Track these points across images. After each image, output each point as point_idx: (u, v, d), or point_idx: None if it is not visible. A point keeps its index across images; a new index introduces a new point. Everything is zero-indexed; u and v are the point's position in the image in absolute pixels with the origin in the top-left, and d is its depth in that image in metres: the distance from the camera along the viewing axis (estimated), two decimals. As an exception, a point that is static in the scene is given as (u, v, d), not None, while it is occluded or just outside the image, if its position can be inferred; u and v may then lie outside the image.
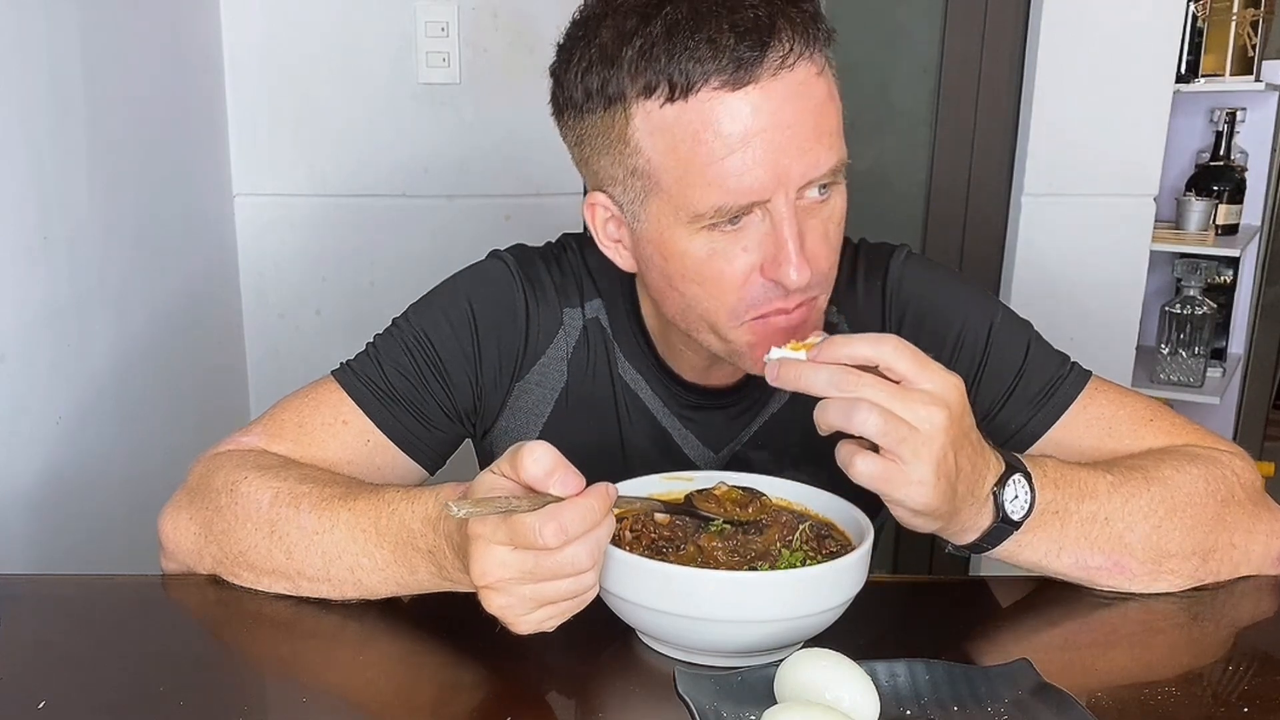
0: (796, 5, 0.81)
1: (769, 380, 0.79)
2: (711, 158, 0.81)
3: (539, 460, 0.68)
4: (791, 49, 0.80)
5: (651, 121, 0.82)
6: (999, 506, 0.79)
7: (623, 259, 0.93)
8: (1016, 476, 0.80)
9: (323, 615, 0.83)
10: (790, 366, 0.77)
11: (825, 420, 0.75)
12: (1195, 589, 0.86)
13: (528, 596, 0.69)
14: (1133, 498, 0.84)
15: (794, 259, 0.82)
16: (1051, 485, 0.82)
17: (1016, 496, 0.80)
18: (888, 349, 0.74)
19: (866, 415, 0.72)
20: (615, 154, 0.85)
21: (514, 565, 0.68)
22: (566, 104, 0.88)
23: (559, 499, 0.68)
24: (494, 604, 0.70)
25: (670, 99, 0.80)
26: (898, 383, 0.74)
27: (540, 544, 0.67)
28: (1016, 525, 0.80)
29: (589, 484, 0.82)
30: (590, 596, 0.72)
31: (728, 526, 0.82)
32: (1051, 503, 0.82)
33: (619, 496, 0.72)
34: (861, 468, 0.74)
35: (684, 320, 0.91)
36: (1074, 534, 0.83)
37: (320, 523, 0.82)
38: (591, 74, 0.83)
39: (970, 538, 0.81)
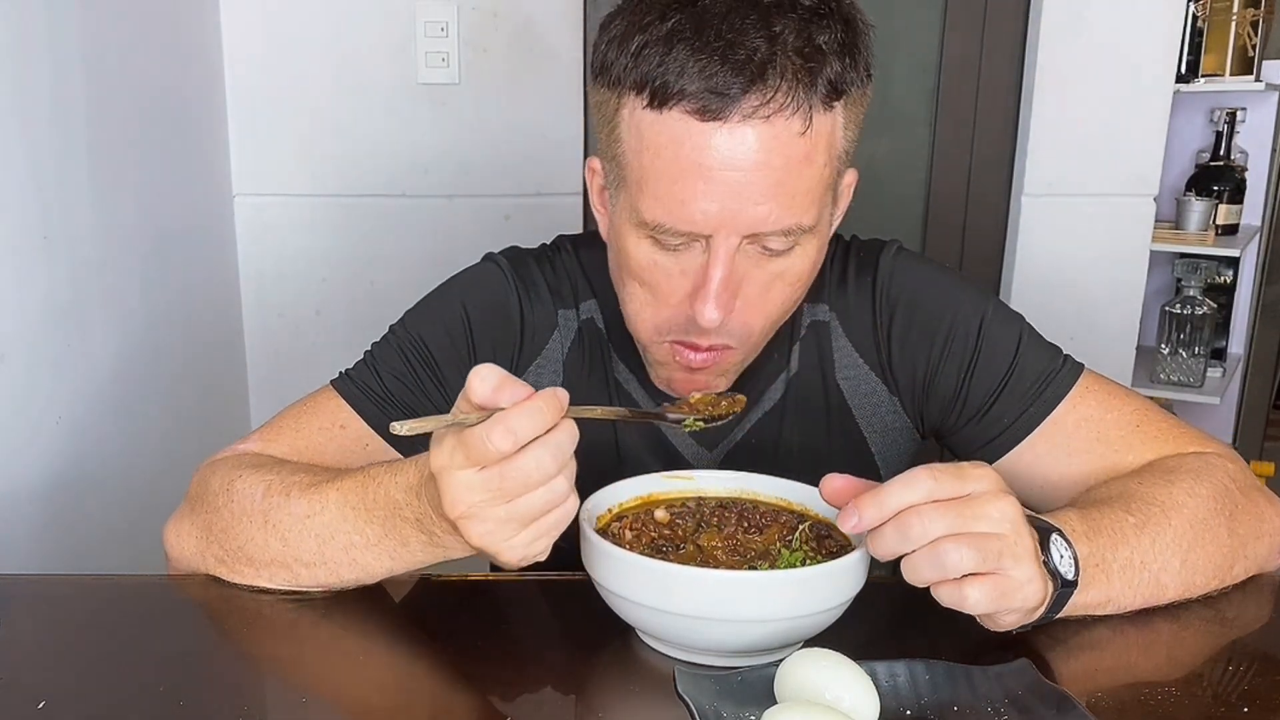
0: (804, 56, 0.79)
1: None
2: (663, 176, 0.81)
3: (486, 378, 0.67)
4: (772, 99, 0.78)
5: (633, 119, 0.83)
6: (1053, 572, 0.75)
7: (603, 228, 0.94)
8: (1054, 536, 0.76)
9: (323, 615, 0.83)
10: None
11: (920, 579, 0.71)
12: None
13: (504, 518, 0.68)
14: (1159, 537, 0.82)
15: (710, 299, 0.82)
16: (1084, 538, 0.79)
17: (1063, 556, 0.76)
18: (922, 485, 0.70)
19: (958, 554, 0.68)
20: (607, 133, 0.86)
21: (479, 486, 0.67)
22: (591, 67, 0.88)
23: None
24: (474, 534, 0.69)
25: (650, 104, 0.81)
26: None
27: (493, 450, 0.66)
28: (1074, 585, 0.76)
29: (590, 486, 0.82)
30: (571, 510, 0.71)
31: (700, 423, 0.83)
32: (1090, 556, 0.78)
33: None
34: (977, 598, 0.69)
35: (624, 311, 0.92)
36: (1118, 584, 0.80)
37: (310, 506, 0.82)
38: (611, 49, 0.83)
39: (1040, 612, 0.75)
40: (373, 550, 0.81)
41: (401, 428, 0.66)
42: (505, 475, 0.67)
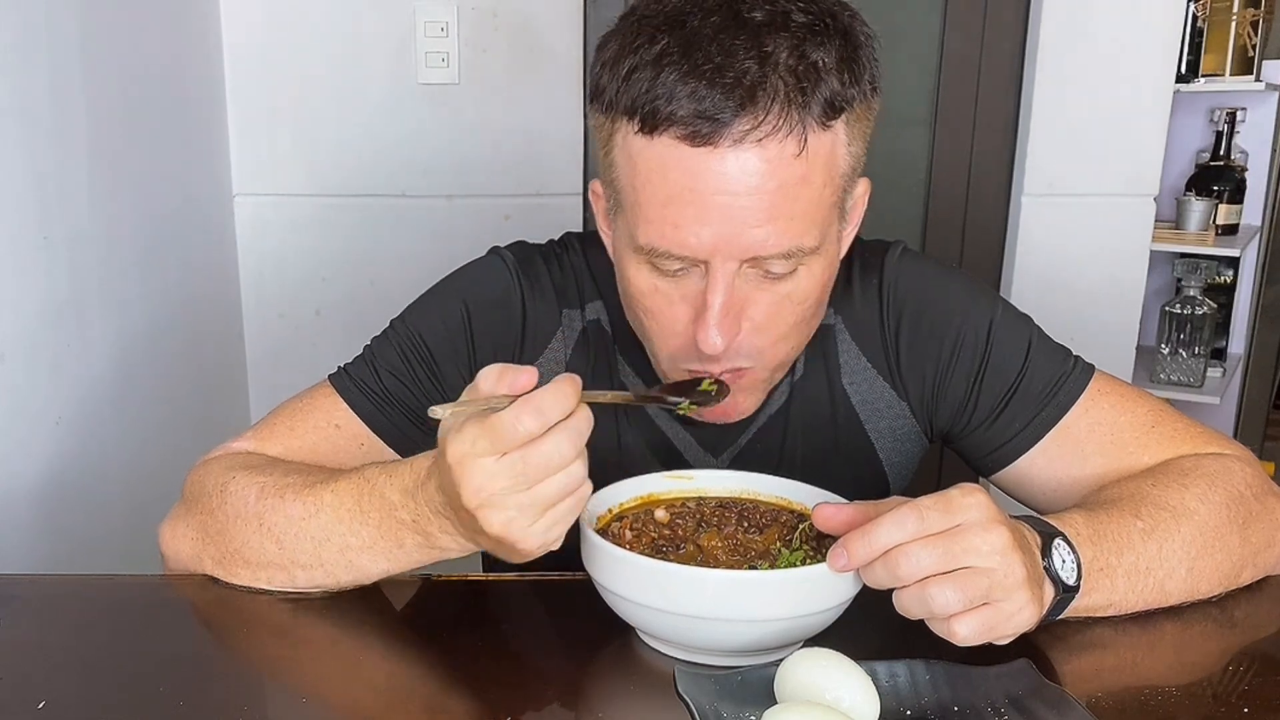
0: (797, 76, 0.77)
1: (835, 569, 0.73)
2: (654, 200, 0.80)
3: (529, 372, 0.68)
4: (764, 121, 0.76)
5: (626, 144, 0.81)
6: (1054, 578, 0.75)
7: (610, 251, 0.93)
8: (1057, 541, 0.76)
9: (322, 615, 0.83)
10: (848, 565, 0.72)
11: (909, 615, 0.71)
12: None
13: (525, 504, 0.69)
14: (1166, 542, 0.82)
15: (711, 325, 0.81)
16: (1089, 542, 0.79)
17: (1065, 561, 0.76)
18: (910, 524, 0.69)
19: (944, 597, 0.68)
20: (604, 158, 0.85)
21: (502, 473, 0.67)
22: (588, 91, 0.86)
23: None
24: (494, 523, 0.69)
25: (641, 130, 0.79)
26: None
27: (521, 434, 0.66)
28: (1075, 590, 0.76)
29: (592, 486, 0.82)
30: (585, 495, 0.71)
31: (693, 406, 0.85)
32: (1094, 560, 0.78)
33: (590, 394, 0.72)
34: (965, 634, 0.69)
35: (641, 338, 0.92)
36: (1122, 588, 0.80)
37: (305, 509, 0.82)
38: (605, 73, 0.82)
39: (1040, 617, 0.76)
40: (368, 552, 0.81)
41: (443, 411, 0.67)
42: (528, 460, 0.67)
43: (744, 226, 0.79)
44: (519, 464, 0.67)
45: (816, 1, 0.81)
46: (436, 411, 0.67)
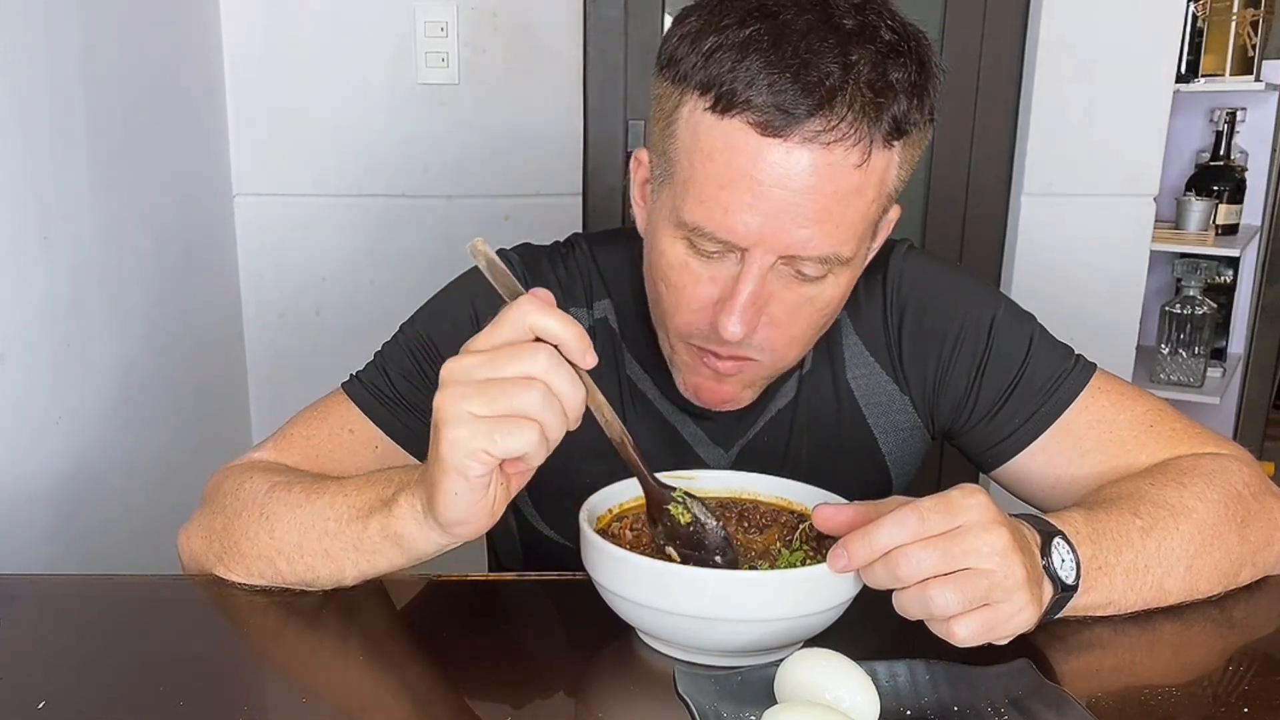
0: (874, 90, 0.78)
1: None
2: (711, 180, 0.80)
3: (547, 293, 0.71)
4: (836, 126, 0.77)
5: (692, 119, 0.82)
6: (1053, 577, 0.75)
7: (640, 222, 0.93)
8: (1057, 540, 0.76)
9: (323, 615, 0.83)
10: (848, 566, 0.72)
11: (909, 615, 0.71)
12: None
13: (469, 389, 0.68)
14: (1165, 540, 0.82)
15: (735, 313, 0.82)
16: (1088, 541, 0.79)
17: (1064, 560, 0.76)
18: (910, 525, 0.69)
19: (944, 598, 0.68)
20: (661, 128, 0.85)
21: (482, 340, 0.69)
22: (658, 58, 0.86)
23: None
24: (442, 399, 0.69)
25: (713, 108, 0.80)
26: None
27: (514, 314, 0.69)
28: (1074, 589, 0.77)
29: (601, 482, 0.82)
30: (530, 440, 0.68)
31: (684, 502, 0.80)
32: (1093, 559, 0.79)
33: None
34: (964, 635, 0.69)
35: (652, 311, 0.93)
36: (1121, 586, 0.81)
37: (306, 497, 0.82)
38: (682, 45, 0.82)
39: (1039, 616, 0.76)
40: (340, 539, 0.80)
41: (481, 240, 0.72)
42: (498, 353, 0.68)
43: (791, 224, 0.80)
44: (490, 353, 0.69)
45: (904, 24, 0.82)
46: (477, 241, 0.72)
